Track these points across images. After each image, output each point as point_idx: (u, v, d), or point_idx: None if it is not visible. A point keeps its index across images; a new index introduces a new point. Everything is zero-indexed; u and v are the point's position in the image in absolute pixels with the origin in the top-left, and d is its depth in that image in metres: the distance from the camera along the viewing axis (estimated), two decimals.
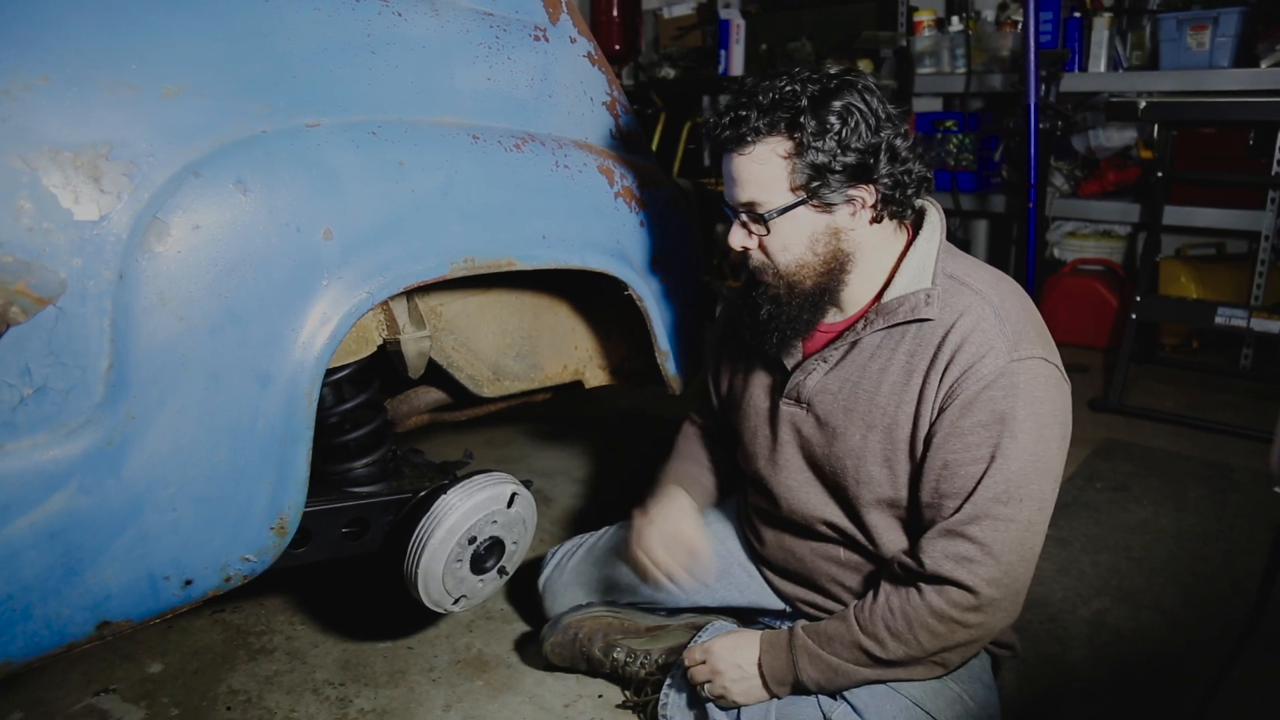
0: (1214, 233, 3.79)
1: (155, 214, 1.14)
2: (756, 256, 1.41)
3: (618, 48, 4.81)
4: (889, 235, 1.43)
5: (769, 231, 1.37)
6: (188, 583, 1.26)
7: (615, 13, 4.71)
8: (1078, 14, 3.62)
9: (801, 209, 1.35)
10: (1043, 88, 3.39)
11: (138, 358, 1.14)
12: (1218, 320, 3.06)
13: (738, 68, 4.62)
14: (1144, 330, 3.37)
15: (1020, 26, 3.76)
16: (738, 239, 1.41)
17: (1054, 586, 2.09)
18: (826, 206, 1.35)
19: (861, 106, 1.32)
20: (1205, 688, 1.36)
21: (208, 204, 1.17)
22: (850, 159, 1.31)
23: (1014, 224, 4.24)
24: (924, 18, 4.11)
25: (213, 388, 1.20)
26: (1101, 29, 3.59)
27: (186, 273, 1.16)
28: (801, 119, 1.30)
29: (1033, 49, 3.30)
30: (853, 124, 1.31)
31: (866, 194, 1.35)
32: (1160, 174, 3.35)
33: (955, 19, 4.01)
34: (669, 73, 4.88)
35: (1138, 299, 3.24)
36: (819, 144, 1.30)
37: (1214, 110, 3.14)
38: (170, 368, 1.17)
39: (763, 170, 1.34)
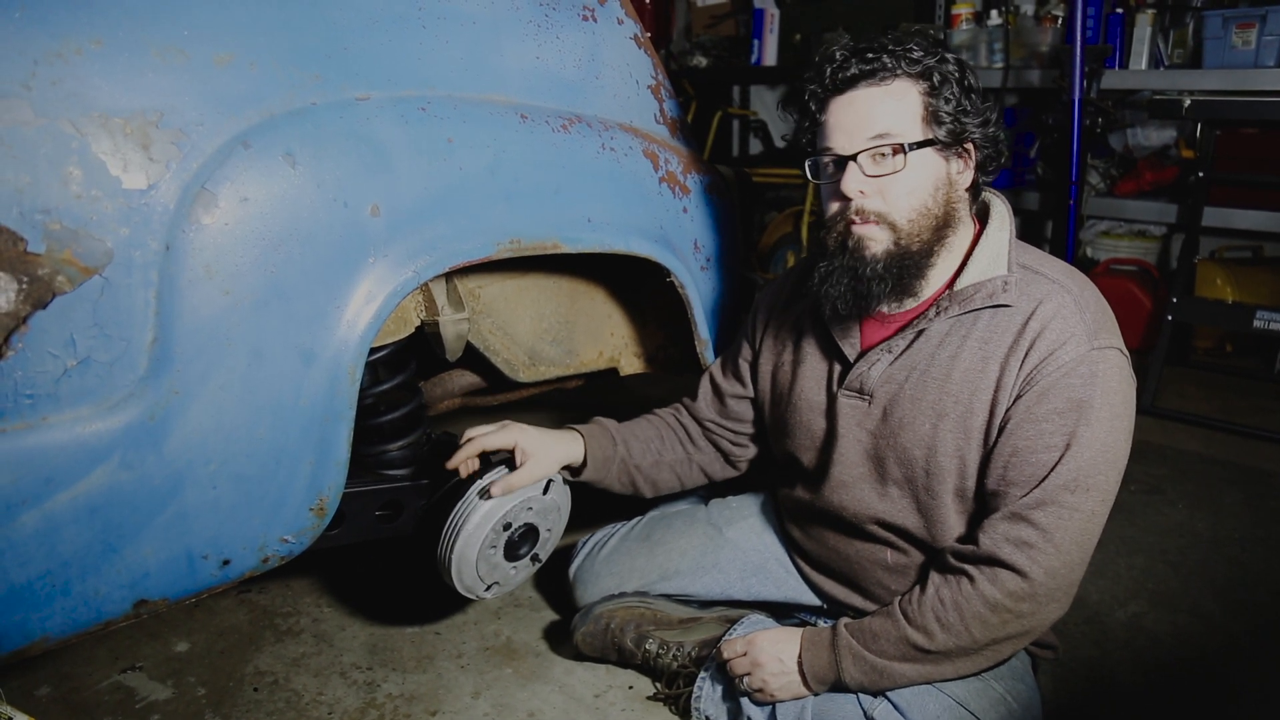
0: (1251, 235, 3.72)
1: (203, 184, 1.12)
2: (872, 204, 1.34)
3: (648, 34, 4.76)
4: (965, 217, 1.43)
5: (905, 166, 1.33)
6: (225, 563, 1.24)
7: None
8: (1120, 10, 3.55)
9: (930, 151, 1.35)
10: (1084, 83, 3.33)
11: (182, 331, 1.12)
12: (1256, 324, 3.00)
13: (770, 58, 4.56)
14: (1177, 332, 3.31)
15: (1061, 21, 3.70)
16: (854, 183, 1.34)
17: (1090, 588, 2.05)
18: (947, 153, 1.36)
19: (968, 67, 1.39)
20: None
21: (256, 176, 1.15)
22: (969, 107, 1.36)
23: (1048, 222, 4.18)
24: (962, 10, 4.04)
25: (256, 364, 1.18)
26: (1144, 25, 3.52)
27: (233, 246, 1.14)
28: (930, 65, 1.34)
29: (1079, 44, 3.25)
30: (970, 79, 1.37)
31: (972, 151, 1.38)
32: (1201, 174, 3.29)
33: (994, 12, 3.94)
34: (700, 61, 4.82)
35: (1174, 300, 3.18)
36: (948, 90, 1.34)
37: (1262, 110, 3.06)
38: (214, 342, 1.15)
39: (899, 105, 1.34)
